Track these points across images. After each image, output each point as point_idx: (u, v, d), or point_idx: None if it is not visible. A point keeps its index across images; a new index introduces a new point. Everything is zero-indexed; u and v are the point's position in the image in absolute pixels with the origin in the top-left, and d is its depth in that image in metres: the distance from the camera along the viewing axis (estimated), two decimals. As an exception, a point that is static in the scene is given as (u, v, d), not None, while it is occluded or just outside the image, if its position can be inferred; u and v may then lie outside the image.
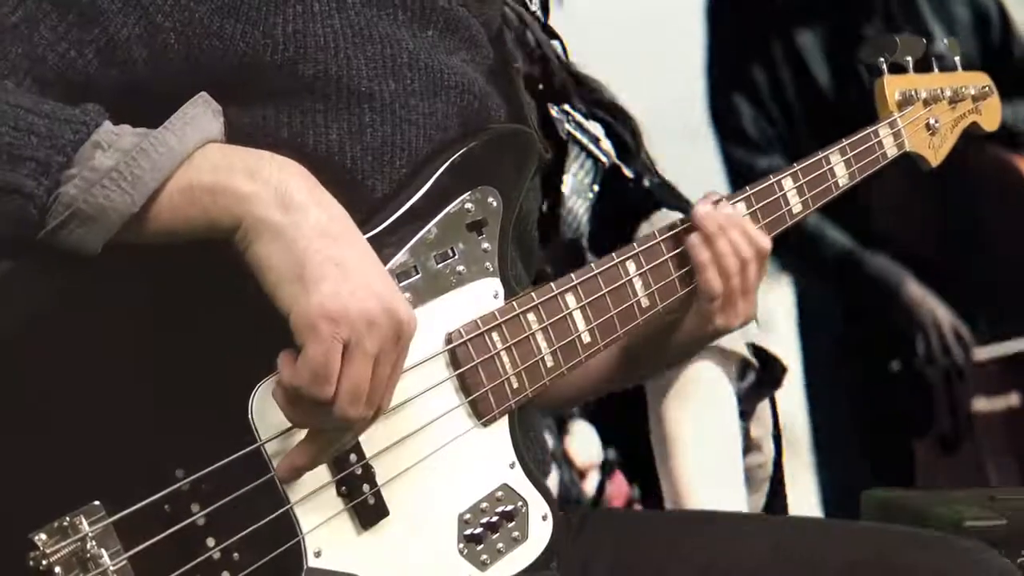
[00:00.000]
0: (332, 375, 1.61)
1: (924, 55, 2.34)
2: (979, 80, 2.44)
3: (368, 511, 1.74)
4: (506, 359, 1.85)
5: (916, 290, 4.02)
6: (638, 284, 1.98)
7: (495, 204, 1.87)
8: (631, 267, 1.97)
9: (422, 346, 1.79)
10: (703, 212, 2.02)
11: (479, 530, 1.83)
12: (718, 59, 4.16)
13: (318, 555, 1.70)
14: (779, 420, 2.53)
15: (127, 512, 1.59)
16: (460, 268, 1.84)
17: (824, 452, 4.33)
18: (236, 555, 1.65)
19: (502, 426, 1.86)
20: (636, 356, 2.12)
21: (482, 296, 1.86)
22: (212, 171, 1.64)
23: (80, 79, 1.70)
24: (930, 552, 1.89)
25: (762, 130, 4.07)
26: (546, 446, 2.05)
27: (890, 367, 4.06)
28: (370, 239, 1.76)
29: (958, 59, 2.40)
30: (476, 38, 1.93)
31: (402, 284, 1.78)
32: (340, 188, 1.76)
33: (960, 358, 4.02)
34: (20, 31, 1.68)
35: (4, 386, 1.58)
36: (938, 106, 2.35)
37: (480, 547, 1.83)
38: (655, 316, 2.00)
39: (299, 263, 1.61)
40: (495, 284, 1.87)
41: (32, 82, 1.68)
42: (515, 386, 1.86)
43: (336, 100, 1.77)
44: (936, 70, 2.38)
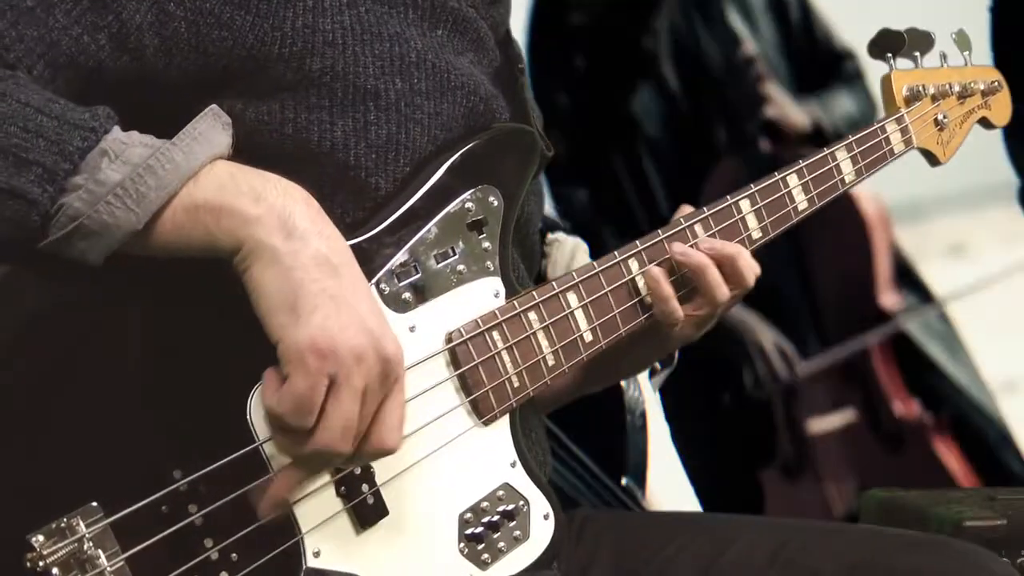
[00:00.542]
0: (314, 408, 1.62)
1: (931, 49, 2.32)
2: (989, 75, 2.42)
3: (367, 511, 1.75)
4: (507, 358, 1.85)
5: (736, 315, 3.92)
6: (640, 282, 1.97)
7: (496, 203, 1.87)
8: (633, 265, 1.97)
9: (422, 345, 1.79)
10: (709, 245, 2.00)
11: (480, 529, 1.83)
12: None
13: (317, 555, 1.71)
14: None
15: (124, 513, 1.60)
16: (460, 267, 1.84)
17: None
18: (234, 555, 1.65)
19: (503, 425, 1.86)
20: (596, 368, 2.11)
21: (483, 295, 1.85)
22: (218, 191, 1.64)
23: (91, 64, 1.70)
24: (929, 555, 1.88)
25: None
26: (547, 446, 2.05)
27: (722, 400, 3.99)
28: (370, 238, 1.77)
29: (967, 54, 2.38)
30: (484, 40, 1.93)
31: (402, 283, 1.79)
32: (343, 185, 1.77)
33: (788, 377, 3.93)
34: (36, 15, 1.68)
35: (1, 388, 1.59)
36: (947, 101, 2.33)
37: (481, 546, 1.83)
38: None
39: (293, 292, 1.62)
40: (496, 283, 1.87)
41: (45, 66, 1.68)
42: (516, 385, 1.86)
43: (342, 97, 1.77)
44: (945, 65, 2.36)
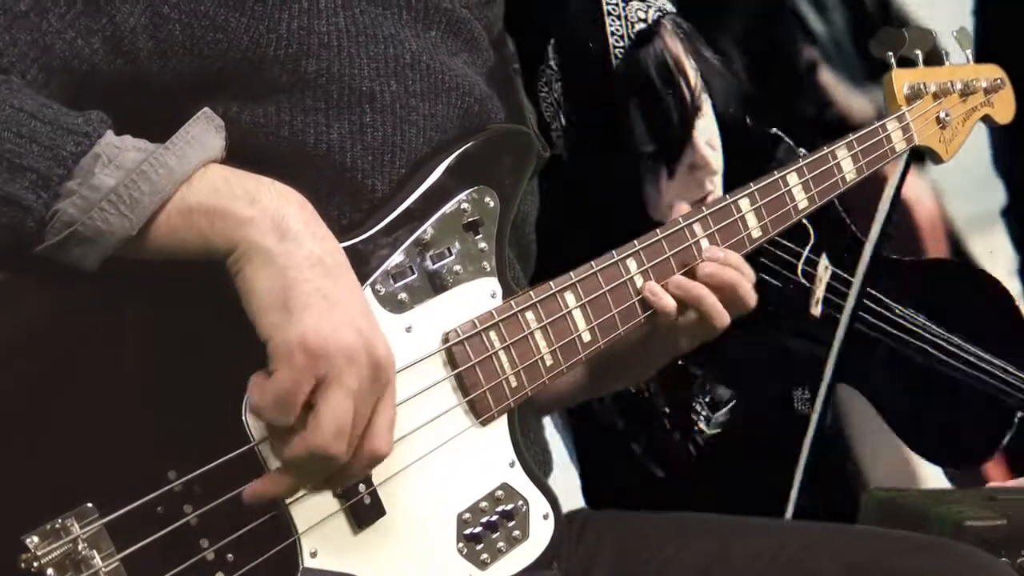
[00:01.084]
0: (295, 404, 1.61)
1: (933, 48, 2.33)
2: (992, 73, 2.42)
3: (364, 511, 1.75)
4: (504, 358, 1.85)
5: None
6: (639, 282, 1.97)
7: (492, 204, 1.87)
8: (632, 265, 1.97)
9: (419, 346, 1.79)
10: (709, 271, 2.01)
11: (479, 529, 1.83)
12: None
13: (314, 555, 1.71)
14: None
15: (119, 513, 1.60)
16: (456, 268, 1.84)
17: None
18: (230, 556, 1.65)
19: (501, 425, 1.86)
20: (604, 372, 2.13)
21: (479, 296, 1.86)
22: (212, 194, 1.64)
23: (85, 68, 1.71)
24: (931, 558, 1.87)
25: None
26: (546, 446, 2.05)
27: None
28: (366, 239, 1.78)
29: (969, 52, 2.38)
30: (478, 40, 1.93)
31: (398, 284, 1.79)
32: (340, 187, 1.78)
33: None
34: (30, 19, 1.69)
35: None
36: (948, 99, 2.34)
37: (480, 546, 1.83)
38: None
39: (286, 291, 1.61)
40: (492, 284, 1.87)
41: (39, 70, 1.69)
42: (514, 385, 1.86)
43: (338, 99, 1.77)
44: (947, 63, 2.36)
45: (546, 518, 1.88)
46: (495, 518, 1.85)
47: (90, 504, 1.59)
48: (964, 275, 3.21)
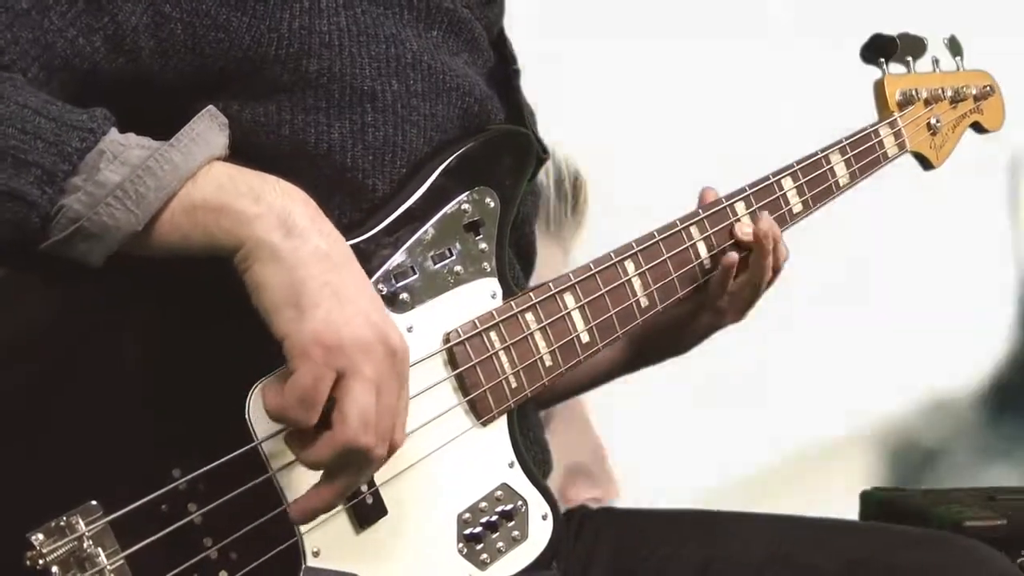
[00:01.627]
0: (318, 401, 1.60)
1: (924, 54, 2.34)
2: (981, 79, 2.44)
3: (367, 510, 1.75)
4: (504, 359, 1.85)
5: None
6: (637, 284, 1.98)
7: (492, 205, 1.87)
8: (630, 267, 1.98)
9: (420, 346, 1.79)
10: (764, 231, 2.05)
11: (478, 530, 1.84)
12: None
13: (316, 554, 1.71)
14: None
15: (124, 512, 1.60)
16: (457, 268, 1.84)
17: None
18: (233, 554, 1.65)
19: (501, 426, 1.87)
20: (647, 348, 2.15)
21: (480, 296, 1.86)
22: (217, 191, 1.64)
23: (87, 66, 1.70)
24: (930, 551, 1.88)
25: None
26: (546, 446, 2.06)
27: None
28: (368, 240, 1.78)
29: (959, 59, 2.40)
30: (479, 41, 1.94)
31: (399, 284, 1.79)
32: (341, 186, 1.78)
33: None
34: (31, 17, 1.68)
35: (1, 387, 1.59)
36: (939, 106, 2.35)
37: (480, 546, 1.84)
38: (654, 316, 2.00)
39: (296, 287, 1.61)
40: (493, 284, 1.87)
41: (40, 68, 1.68)
42: (514, 386, 1.86)
43: (339, 98, 1.78)
44: (938, 70, 2.38)
45: (545, 518, 1.89)
46: (495, 518, 1.85)
47: (95, 502, 1.59)
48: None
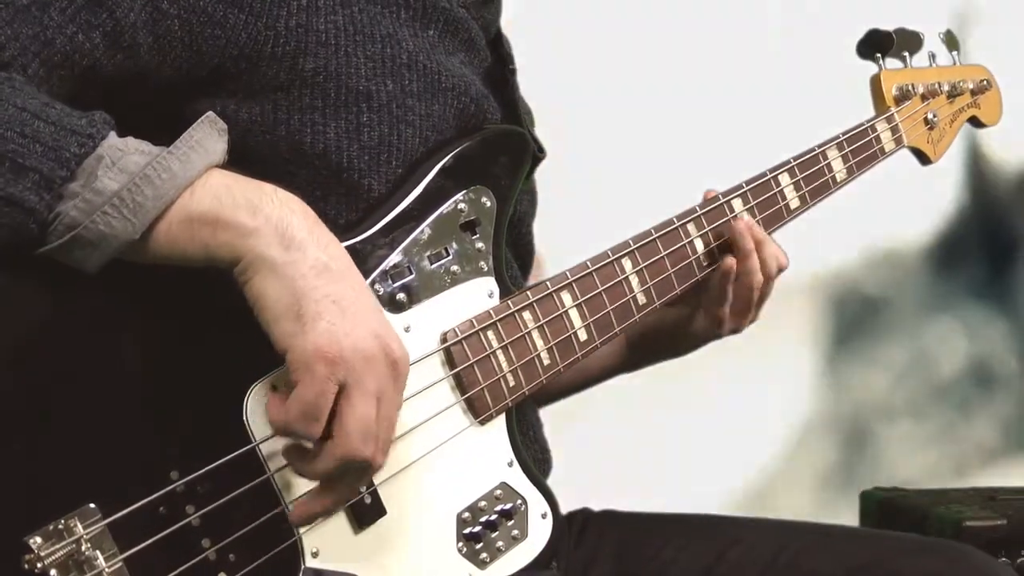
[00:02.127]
0: (322, 414, 1.61)
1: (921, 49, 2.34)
2: (978, 74, 2.43)
3: (365, 510, 1.75)
4: (502, 357, 1.85)
5: None
6: (634, 281, 1.98)
7: (489, 204, 1.87)
8: (627, 264, 1.98)
9: (417, 346, 1.79)
10: (741, 228, 2.05)
11: (478, 529, 1.84)
12: None
13: (315, 555, 1.71)
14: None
15: (122, 514, 1.60)
16: (454, 268, 1.84)
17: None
18: (232, 556, 1.65)
19: (499, 425, 1.87)
20: (645, 349, 2.14)
21: (477, 295, 1.86)
22: (214, 203, 1.63)
23: (86, 63, 1.70)
24: (931, 557, 1.89)
25: None
26: (546, 445, 2.05)
27: None
28: (364, 240, 1.78)
29: (956, 53, 2.40)
30: (475, 40, 1.94)
31: (396, 284, 1.79)
32: (336, 187, 1.78)
33: None
34: (31, 13, 1.68)
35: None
36: (936, 100, 2.35)
37: (479, 545, 1.84)
38: (652, 313, 2.00)
39: (296, 301, 1.61)
40: (490, 283, 1.87)
41: (40, 65, 1.68)
42: (511, 384, 1.86)
43: (335, 98, 1.78)
44: (934, 64, 2.38)
45: (544, 517, 1.89)
46: (494, 517, 1.85)
47: (93, 504, 1.59)
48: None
